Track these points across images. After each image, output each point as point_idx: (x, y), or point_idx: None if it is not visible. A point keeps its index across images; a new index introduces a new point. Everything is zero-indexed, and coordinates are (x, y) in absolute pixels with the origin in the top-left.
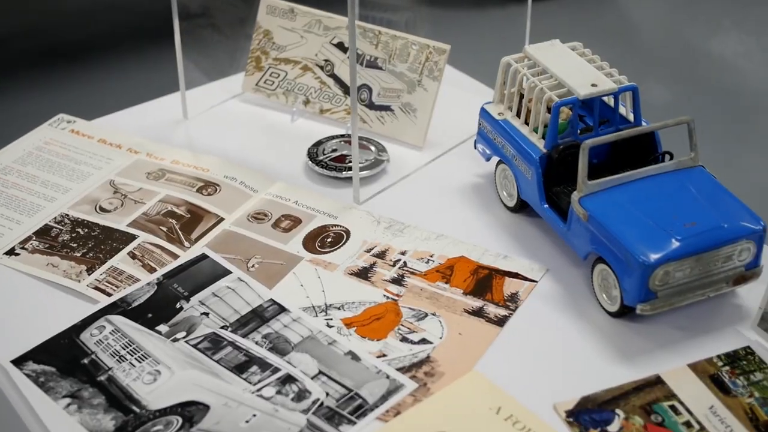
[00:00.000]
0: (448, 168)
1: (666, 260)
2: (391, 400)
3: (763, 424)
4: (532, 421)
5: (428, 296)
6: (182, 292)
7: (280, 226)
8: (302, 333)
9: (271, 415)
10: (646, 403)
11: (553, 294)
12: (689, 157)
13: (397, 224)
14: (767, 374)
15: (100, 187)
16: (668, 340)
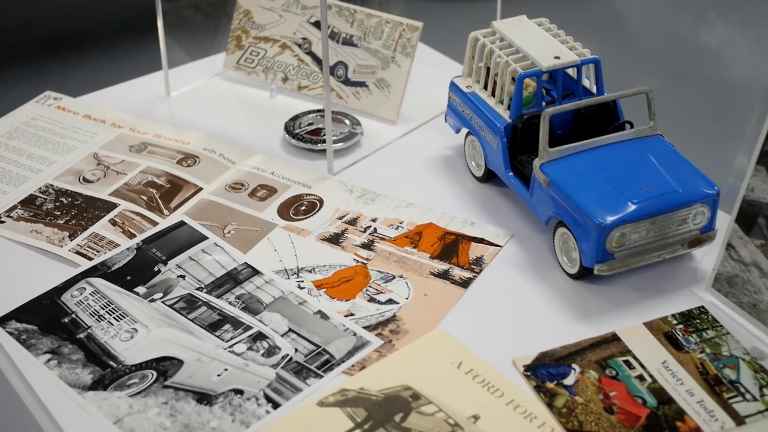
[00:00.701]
0: (420, 141)
1: (622, 222)
2: (357, 355)
3: (713, 377)
4: (491, 375)
5: (396, 260)
6: (160, 257)
7: (256, 195)
8: (274, 294)
9: (242, 369)
10: (601, 358)
11: (516, 258)
12: (648, 126)
13: (369, 193)
14: (719, 332)
15: (83, 160)
16: (626, 300)
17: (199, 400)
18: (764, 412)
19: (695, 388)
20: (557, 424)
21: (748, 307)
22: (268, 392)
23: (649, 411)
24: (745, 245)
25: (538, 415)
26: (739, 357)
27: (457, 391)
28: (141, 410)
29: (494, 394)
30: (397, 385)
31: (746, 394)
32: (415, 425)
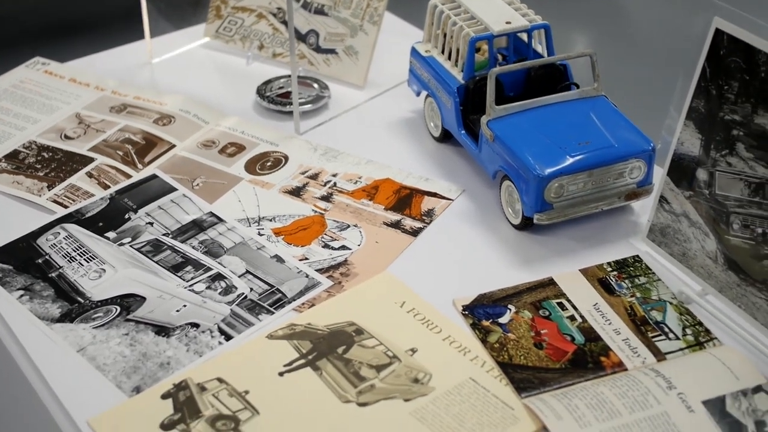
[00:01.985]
0: (385, 105)
1: (559, 174)
2: (307, 295)
3: (640, 318)
4: (431, 313)
5: (352, 211)
6: (131, 206)
7: (226, 152)
8: (235, 240)
9: (199, 305)
10: (536, 300)
11: (466, 211)
12: (592, 87)
13: (332, 151)
14: (650, 278)
15: (66, 119)
16: (566, 249)
17: (157, 332)
18: (685, 350)
19: (622, 327)
20: (489, 357)
21: (678, 255)
22: (222, 326)
23: (576, 347)
24: (676, 197)
25: (472, 350)
26: (667, 301)
27: (398, 328)
28: (103, 340)
29: (432, 331)
30: (342, 321)
31: (669, 334)
32: (356, 356)
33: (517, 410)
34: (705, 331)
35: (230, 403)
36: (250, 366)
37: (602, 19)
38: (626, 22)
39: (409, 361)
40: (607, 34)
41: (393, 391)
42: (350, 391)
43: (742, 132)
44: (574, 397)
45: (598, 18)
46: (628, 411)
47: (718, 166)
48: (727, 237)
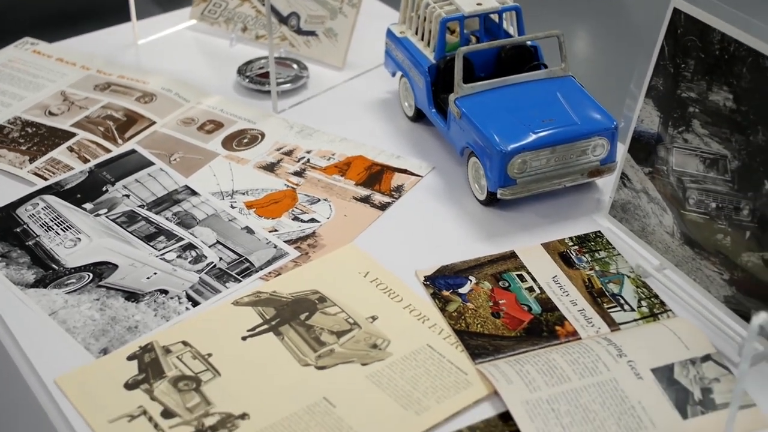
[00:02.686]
0: (362, 86)
1: (521, 150)
2: (274, 264)
3: (597, 291)
4: (393, 283)
5: (324, 186)
6: (110, 179)
7: (204, 129)
8: (207, 212)
9: (169, 273)
10: (497, 272)
11: (435, 187)
12: (560, 68)
13: (308, 129)
14: (610, 253)
15: (51, 96)
16: (530, 224)
17: (127, 298)
18: (639, 321)
19: (579, 299)
20: (447, 325)
21: (638, 230)
22: (190, 293)
23: (533, 317)
24: (636, 173)
25: (431, 318)
26: (625, 274)
27: (360, 296)
28: (74, 305)
29: (393, 299)
30: (306, 289)
31: (625, 306)
32: (318, 323)
33: (470, 375)
34: (660, 304)
35: (193, 364)
36: (214, 330)
37: (579, 3)
38: (601, 4)
39: (369, 327)
40: (583, 16)
41: (351, 356)
42: (310, 355)
43: (697, 109)
44: (526, 363)
45: (575, 2)
46: (577, 377)
47: (675, 143)
48: (683, 212)
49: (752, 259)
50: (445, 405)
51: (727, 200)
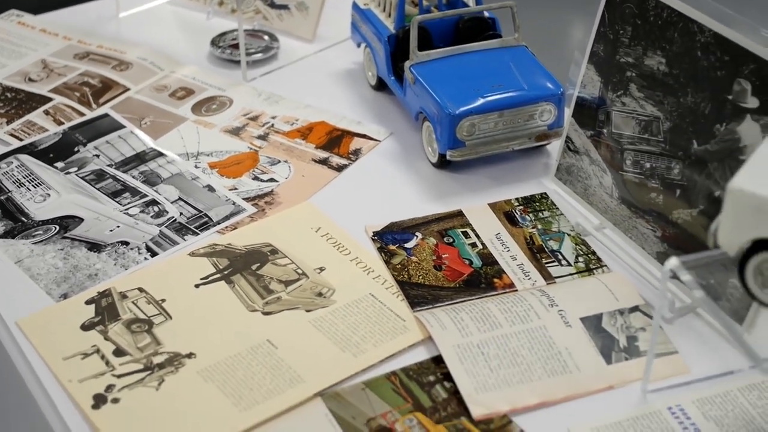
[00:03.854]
0: (331, 57)
1: (470, 113)
2: (232, 219)
3: (537, 247)
4: (343, 238)
5: (285, 149)
6: (82, 140)
7: (176, 95)
8: (172, 171)
9: (131, 226)
10: (443, 229)
11: (391, 151)
12: (513, 38)
13: (275, 97)
14: (554, 213)
15: (33, 64)
16: (480, 186)
17: (90, 248)
18: (574, 275)
19: (519, 254)
20: (390, 276)
21: (581, 192)
22: (150, 244)
23: (473, 270)
24: (579, 137)
25: (376, 270)
26: (566, 232)
27: (311, 249)
28: (40, 254)
29: (342, 252)
30: (260, 242)
31: (562, 261)
32: (268, 273)
33: (408, 322)
34: (596, 260)
35: (147, 309)
36: (169, 278)
37: None
38: None
39: (316, 277)
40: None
41: (297, 303)
42: (257, 302)
43: (634, 73)
44: (462, 311)
45: None
46: (509, 324)
47: (614, 107)
48: (621, 173)
49: (682, 215)
50: (381, 348)
51: (660, 160)
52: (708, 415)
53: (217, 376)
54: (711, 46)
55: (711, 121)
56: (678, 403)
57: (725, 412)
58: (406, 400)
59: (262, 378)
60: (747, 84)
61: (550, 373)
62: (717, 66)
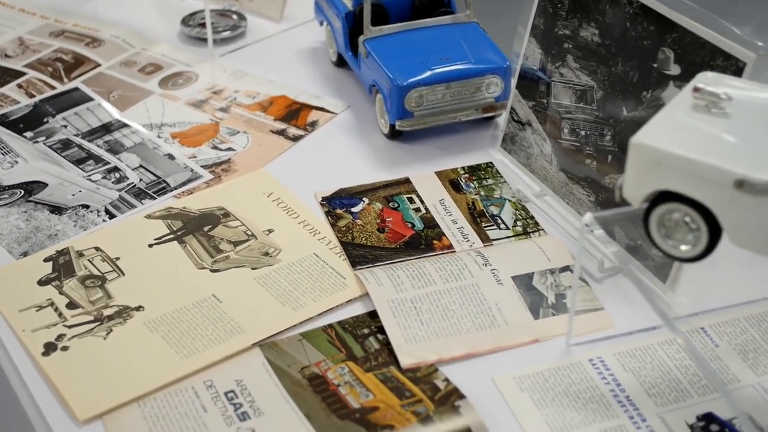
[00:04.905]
0: (296, 36)
1: (417, 85)
2: (189, 185)
3: (478, 212)
4: (293, 203)
5: (245, 120)
6: (51, 111)
7: (145, 71)
8: (135, 140)
9: (93, 191)
10: (389, 194)
11: (346, 123)
12: (464, 14)
13: (240, 72)
14: (497, 180)
15: (10, 41)
16: (429, 156)
17: (52, 211)
18: (511, 238)
19: (460, 218)
20: (335, 238)
21: (524, 160)
22: (109, 207)
23: (414, 232)
24: (522, 107)
25: (322, 232)
26: (507, 199)
27: (261, 213)
28: (4, 216)
29: (290, 216)
30: (213, 206)
31: (501, 225)
32: (219, 234)
33: (348, 279)
34: (534, 224)
35: (101, 266)
36: (125, 239)
37: None
38: None
39: (264, 239)
40: None
41: (244, 261)
42: (206, 260)
43: (571, 45)
44: (399, 269)
45: None
46: (443, 281)
47: (553, 77)
48: (559, 141)
49: (614, 180)
50: (320, 303)
51: (594, 127)
52: (627, 366)
53: (162, 327)
54: (638, 16)
55: (638, 88)
56: (599, 356)
57: (643, 363)
58: (340, 350)
59: (204, 329)
60: (670, 52)
61: (479, 326)
62: (644, 36)
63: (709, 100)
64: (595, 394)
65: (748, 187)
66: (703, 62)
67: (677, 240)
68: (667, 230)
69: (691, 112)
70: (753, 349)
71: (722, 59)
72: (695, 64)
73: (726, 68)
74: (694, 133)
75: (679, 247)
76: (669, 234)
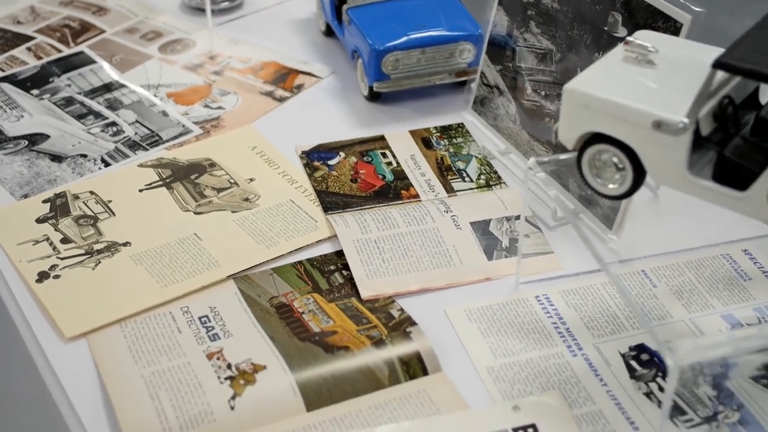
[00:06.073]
0: (292, 7)
1: (394, 49)
2: (180, 139)
3: (446, 166)
4: (275, 155)
5: (237, 83)
6: (57, 72)
7: (146, 37)
8: (133, 99)
9: (91, 143)
10: (364, 150)
11: (331, 87)
12: None
13: (235, 40)
14: (466, 139)
15: (22, 9)
16: (405, 117)
17: (52, 159)
18: (474, 189)
19: (428, 171)
20: (311, 186)
21: (491, 120)
22: (105, 157)
23: (384, 183)
24: (491, 71)
25: (299, 181)
26: (474, 155)
27: (245, 164)
28: (8, 163)
29: (271, 167)
30: (201, 157)
31: (466, 178)
32: (204, 181)
33: (319, 222)
34: (497, 178)
35: (95, 207)
36: (118, 184)
37: None
38: None
39: (245, 186)
40: None
41: (225, 206)
42: (191, 204)
43: (533, 11)
44: (366, 214)
45: None
46: (405, 224)
47: (518, 43)
48: (522, 101)
49: None
50: (292, 242)
51: (552, 88)
52: (570, 303)
53: (146, 260)
54: None
55: (591, 50)
56: (545, 293)
57: (585, 301)
58: (307, 283)
59: (184, 263)
60: (618, 16)
61: (435, 265)
62: (597, 1)
63: (638, 52)
64: (538, 326)
65: (665, 128)
66: (645, 24)
67: (606, 179)
68: (597, 170)
69: (621, 63)
70: (688, 291)
71: (662, 21)
72: (639, 26)
73: (666, 29)
74: (621, 80)
75: (607, 186)
76: (599, 174)
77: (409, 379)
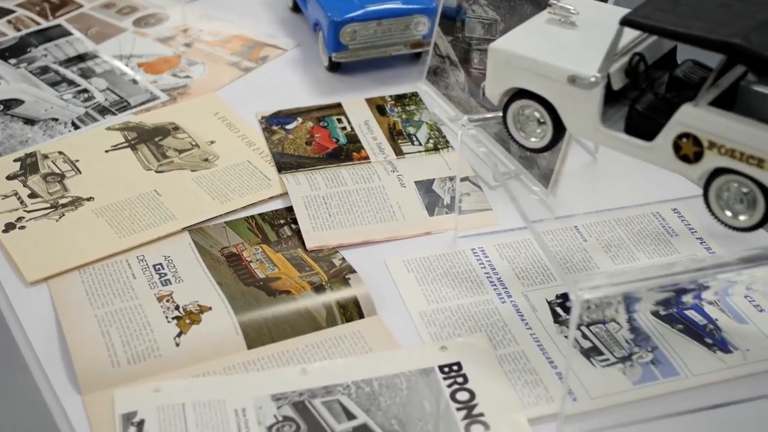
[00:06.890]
0: None
1: (351, 20)
2: (147, 105)
3: (397, 131)
4: (236, 120)
5: (205, 54)
6: (34, 43)
7: (122, 12)
8: (105, 68)
9: (63, 107)
10: (321, 116)
11: (294, 59)
12: None
13: (208, 15)
14: (419, 107)
15: None
16: (363, 87)
17: (25, 123)
18: (422, 153)
19: (380, 135)
20: (267, 149)
21: (443, 89)
22: (75, 121)
23: (337, 146)
24: (443, 42)
25: (256, 143)
26: (425, 121)
27: (207, 128)
28: None
29: (232, 130)
30: (166, 121)
31: (415, 142)
32: (167, 143)
33: (272, 181)
34: (445, 142)
35: (63, 166)
36: (86, 145)
37: None
38: None
39: (206, 148)
40: None
41: (185, 165)
42: (153, 163)
43: None
44: (317, 174)
45: None
46: (353, 183)
47: (467, 14)
48: (471, 70)
49: None
50: (245, 198)
51: None
52: (504, 255)
53: (107, 213)
54: None
55: None
56: (481, 246)
57: (518, 253)
58: (257, 235)
59: (143, 216)
60: None
61: (379, 220)
62: None
63: (561, 14)
64: (471, 275)
65: (579, 82)
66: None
67: (529, 133)
68: (521, 125)
69: (544, 24)
70: (616, 245)
71: None
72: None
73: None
74: (542, 39)
75: (530, 139)
76: (523, 128)
77: (346, 322)
